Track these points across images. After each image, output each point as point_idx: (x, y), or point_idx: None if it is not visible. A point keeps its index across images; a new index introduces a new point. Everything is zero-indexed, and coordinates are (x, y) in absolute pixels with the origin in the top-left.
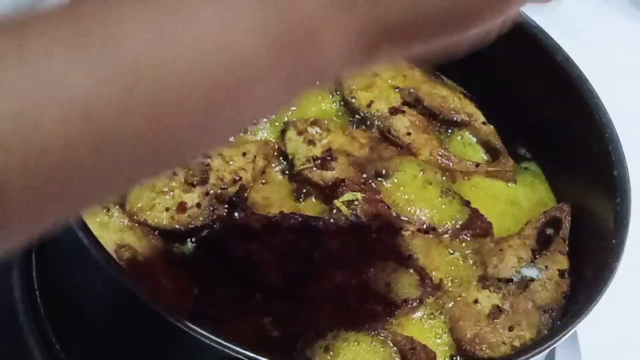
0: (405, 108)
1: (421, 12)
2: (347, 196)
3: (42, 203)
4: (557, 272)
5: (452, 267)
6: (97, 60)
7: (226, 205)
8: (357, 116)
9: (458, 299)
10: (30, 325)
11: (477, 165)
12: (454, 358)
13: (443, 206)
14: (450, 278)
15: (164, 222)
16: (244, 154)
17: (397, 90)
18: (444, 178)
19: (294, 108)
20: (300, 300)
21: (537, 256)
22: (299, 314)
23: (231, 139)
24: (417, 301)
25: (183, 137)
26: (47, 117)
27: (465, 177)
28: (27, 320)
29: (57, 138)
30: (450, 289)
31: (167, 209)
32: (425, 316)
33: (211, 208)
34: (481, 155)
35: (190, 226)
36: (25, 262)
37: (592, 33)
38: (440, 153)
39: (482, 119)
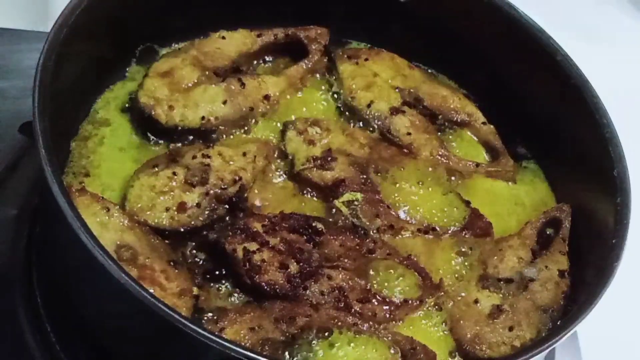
0: (406, 108)
1: None
2: (347, 196)
3: None
4: (557, 272)
5: (452, 267)
6: None
7: (226, 205)
8: (357, 116)
9: (458, 299)
10: (30, 325)
11: (477, 165)
12: (454, 357)
13: (443, 206)
14: (450, 278)
15: (164, 222)
16: (244, 154)
17: (397, 90)
18: (443, 178)
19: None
20: (300, 300)
21: (537, 256)
22: (299, 314)
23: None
24: (417, 301)
25: None
26: None
27: (466, 177)
28: (27, 320)
29: None
30: (450, 289)
31: (167, 209)
32: (425, 316)
33: (211, 208)
34: (482, 155)
35: (190, 226)
36: (26, 263)
37: (592, 33)
38: (441, 153)
39: (482, 119)
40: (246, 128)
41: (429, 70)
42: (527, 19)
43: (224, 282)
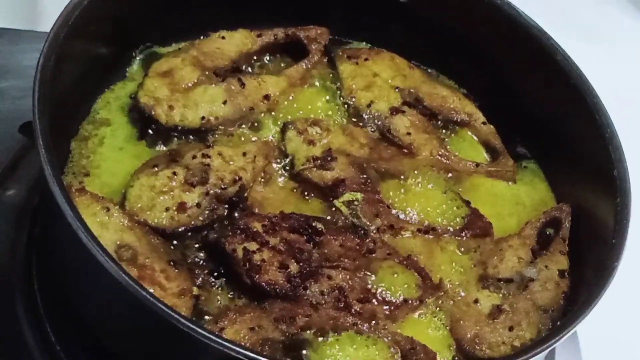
0: (405, 108)
1: None
2: (347, 196)
3: None
4: (557, 272)
5: (452, 267)
6: None
7: (226, 205)
8: (357, 116)
9: (458, 299)
10: (30, 325)
11: (477, 165)
12: (454, 358)
13: (443, 206)
14: (450, 278)
15: (164, 222)
16: (244, 154)
17: (397, 90)
18: (444, 178)
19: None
20: (300, 300)
21: (537, 256)
22: (299, 314)
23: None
24: (417, 301)
25: None
26: None
27: (466, 177)
28: (27, 320)
29: None
30: (450, 289)
31: (167, 209)
32: (425, 316)
33: (211, 208)
34: (482, 155)
35: (190, 226)
36: (26, 263)
37: (592, 33)
38: (441, 153)
39: (482, 119)
40: (246, 128)
41: (429, 70)
42: (527, 19)
43: (224, 282)
